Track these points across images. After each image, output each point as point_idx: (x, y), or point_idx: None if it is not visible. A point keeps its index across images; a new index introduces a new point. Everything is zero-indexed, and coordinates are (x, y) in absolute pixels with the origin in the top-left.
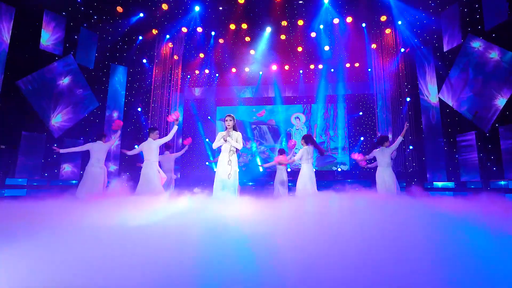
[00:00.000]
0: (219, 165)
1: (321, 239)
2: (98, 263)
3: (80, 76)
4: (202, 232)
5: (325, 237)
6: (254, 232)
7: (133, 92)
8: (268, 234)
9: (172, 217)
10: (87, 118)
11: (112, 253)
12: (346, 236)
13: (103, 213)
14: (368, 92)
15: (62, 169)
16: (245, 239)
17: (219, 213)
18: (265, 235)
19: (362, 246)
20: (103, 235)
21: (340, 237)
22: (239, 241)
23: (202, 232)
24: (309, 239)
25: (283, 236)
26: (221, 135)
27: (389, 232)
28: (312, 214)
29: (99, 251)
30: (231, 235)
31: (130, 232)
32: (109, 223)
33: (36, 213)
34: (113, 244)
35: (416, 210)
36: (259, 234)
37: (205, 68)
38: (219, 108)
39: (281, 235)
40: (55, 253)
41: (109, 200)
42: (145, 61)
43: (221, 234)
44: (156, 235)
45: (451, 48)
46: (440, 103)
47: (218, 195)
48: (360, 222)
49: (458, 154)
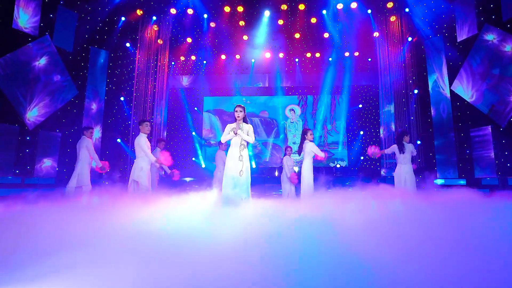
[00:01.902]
0: (229, 161)
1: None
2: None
3: (58, 60)
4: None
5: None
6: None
7: (114, 80)
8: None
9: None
10: (64, 108)
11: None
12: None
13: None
14: (370, 84)
15: (40, 165)
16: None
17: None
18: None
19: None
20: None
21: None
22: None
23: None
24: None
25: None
26: (230, 128)
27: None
28: (380, 222)
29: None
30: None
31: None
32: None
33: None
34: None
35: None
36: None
37: (193, 55)
38: (207, 99)
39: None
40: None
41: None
42: (129, 45)
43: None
44: (235, 249)
45: (465, 38)
46: (451, 96)
47: (228, 194)
48: (442, 226)
49: (473, 149)
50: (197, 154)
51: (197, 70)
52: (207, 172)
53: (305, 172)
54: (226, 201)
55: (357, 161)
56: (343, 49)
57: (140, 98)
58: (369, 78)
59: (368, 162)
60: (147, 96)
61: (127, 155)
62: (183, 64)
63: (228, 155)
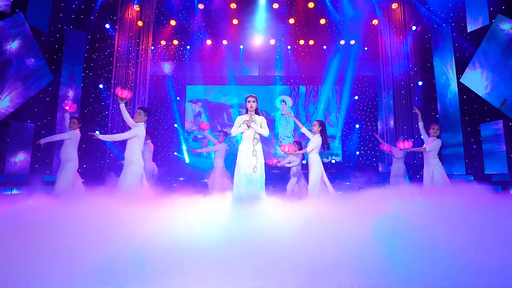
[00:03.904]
0: (241, 157)
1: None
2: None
3: (32, 42)
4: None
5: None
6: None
7: (91, 65)
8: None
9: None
10: (37, 96)
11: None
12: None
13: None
14: (368, 74)
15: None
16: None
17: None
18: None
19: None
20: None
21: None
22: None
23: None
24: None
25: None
26: (242, 120)
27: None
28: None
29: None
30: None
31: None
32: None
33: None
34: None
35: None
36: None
37: (177, 39)
38: (190, 88)
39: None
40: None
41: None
42: (109, 27)
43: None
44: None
45: (476, 28)
46: (458, 88)
47: (242, 191)
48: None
49: (483, 144)
50: (181, 148)
51: (180, 56)
52: (194, 168)
53: (318, 167)
54: (238, 200)
55: (352, 156)
56: (340, 37)
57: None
58: (368, 69)
59: (364, 157)
60: (128, 83)
61: (105, 148)
62: (164, 49)
63: (240, 150)
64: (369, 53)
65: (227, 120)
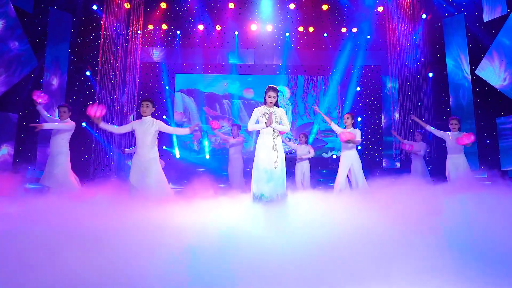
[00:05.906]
0: (261, 151)
1: None
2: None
3: (16, 23)
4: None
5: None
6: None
7: (76, 50)
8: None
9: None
10: (20, 83)
11: None
12: None
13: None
14: (372, 64)
15: None
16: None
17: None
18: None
19: None
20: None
21: None
22: None
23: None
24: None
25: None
26: (260, 112)
27: None
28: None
29: None
30: None
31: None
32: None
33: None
34: None
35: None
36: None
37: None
38: (179, 76)
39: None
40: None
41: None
42: (96, 8)
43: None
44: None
45: (494, 18)
46: (472, 81)
47: (263, 189)
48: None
49: (499, 139)
50: (171, 142)
51: (169, 41)
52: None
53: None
54: (258, 198)
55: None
56: (342, 25)
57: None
58: (372, 58)
59: (366, 152)
60: (116, 70)
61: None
62: (153, 34)
63: (259, 144)
64: (374, 42)
65: (219, 112)
